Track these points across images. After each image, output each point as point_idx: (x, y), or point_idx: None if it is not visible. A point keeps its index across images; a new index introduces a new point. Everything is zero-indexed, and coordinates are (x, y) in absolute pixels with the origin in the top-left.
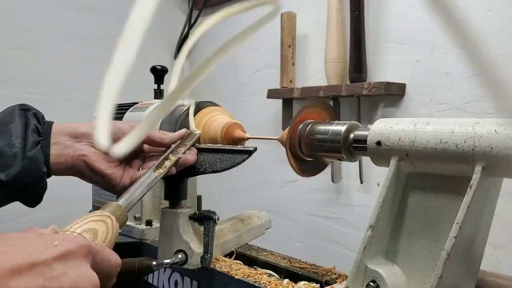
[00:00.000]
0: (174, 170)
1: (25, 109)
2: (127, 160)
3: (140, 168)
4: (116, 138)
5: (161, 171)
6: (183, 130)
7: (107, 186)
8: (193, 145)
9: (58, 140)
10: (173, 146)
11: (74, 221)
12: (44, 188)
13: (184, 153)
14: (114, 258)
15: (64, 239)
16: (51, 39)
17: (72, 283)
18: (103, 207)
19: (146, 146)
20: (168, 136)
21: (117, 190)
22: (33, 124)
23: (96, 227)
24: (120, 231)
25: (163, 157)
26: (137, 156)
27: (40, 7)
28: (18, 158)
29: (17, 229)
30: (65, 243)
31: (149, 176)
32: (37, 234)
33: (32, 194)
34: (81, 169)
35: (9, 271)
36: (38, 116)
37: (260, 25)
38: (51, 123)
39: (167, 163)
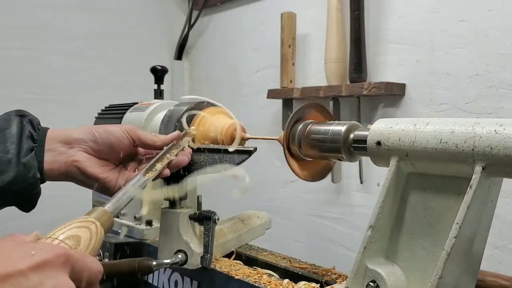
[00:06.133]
0: (167, 172)
1: (21, 115)
2: (123, 163)
3: (136, 171)
4: (108, 142)
5: (151, 174)
6: (176, 132)
7: (102, 190)
8: (187, 146)
9: (52, 147)
10: (165, 148)
11: (59, 227)
12: (38, 193)
13: (177, 155)
14: (96, 266)
15: (42, 248)
16: (51, 39)
17: None
18: (89, 212)
19: (141, 149)
20: (160, 138)
21: (113, 192)
22: (28, 130)
23: (79, 234)
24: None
25: (154, 160)
26: (132, 158)
27: (40, 7)
28: (13, 164)
29: (17, 230)
30: (42, 252)
31: (138, 180)
32: (15, 243)
33: (26, 200)
34: (74, 175)
35: None
36: (34, 123)
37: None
38: (46, 129)
39: (158, 166)
